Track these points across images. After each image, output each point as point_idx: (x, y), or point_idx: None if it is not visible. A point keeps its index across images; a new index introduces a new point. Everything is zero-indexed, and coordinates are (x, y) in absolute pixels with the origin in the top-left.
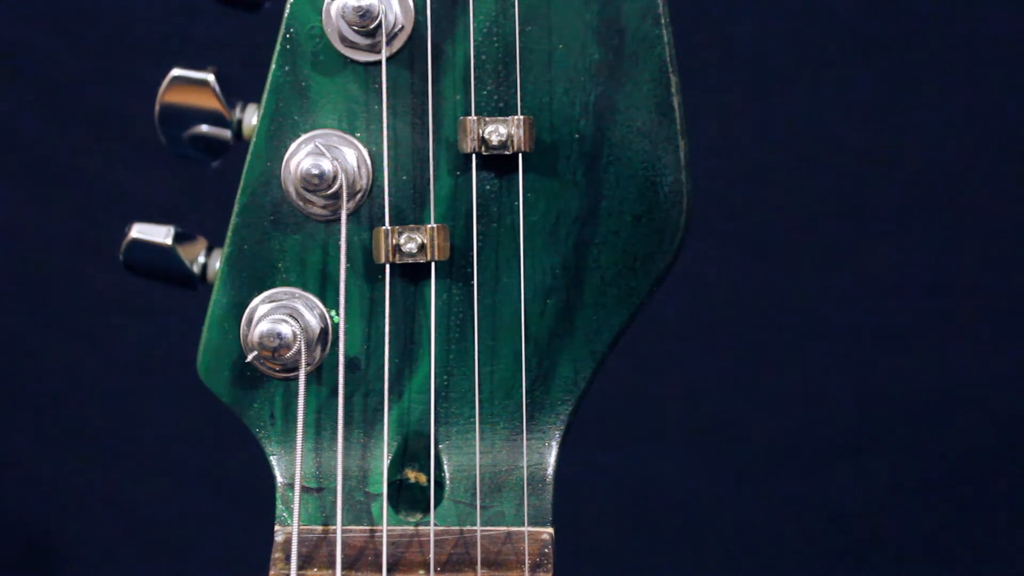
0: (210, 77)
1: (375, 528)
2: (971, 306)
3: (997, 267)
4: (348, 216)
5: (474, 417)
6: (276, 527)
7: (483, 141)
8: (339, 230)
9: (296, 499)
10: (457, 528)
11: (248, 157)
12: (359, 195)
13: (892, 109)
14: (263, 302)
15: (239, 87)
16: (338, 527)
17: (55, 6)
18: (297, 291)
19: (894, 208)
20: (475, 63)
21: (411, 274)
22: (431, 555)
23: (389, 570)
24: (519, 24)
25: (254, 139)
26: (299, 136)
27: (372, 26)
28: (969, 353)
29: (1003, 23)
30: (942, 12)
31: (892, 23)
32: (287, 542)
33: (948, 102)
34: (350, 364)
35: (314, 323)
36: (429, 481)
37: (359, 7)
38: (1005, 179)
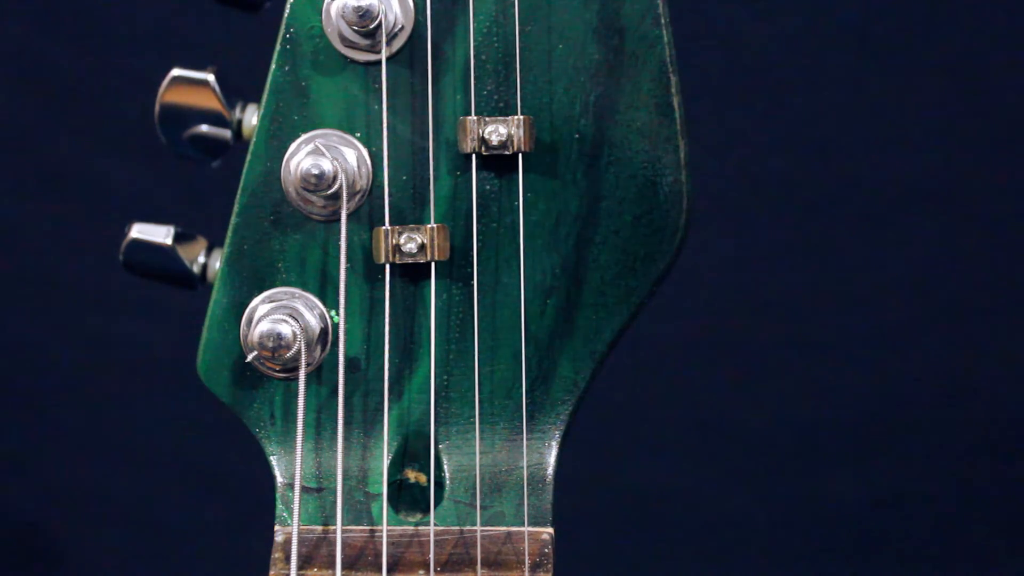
0: (210, 77)
1: (375, 528)
2: (971, 306)
3: (997, 267)
4: (348, 216)
5: (474, 417)
6: (276, 527)
7: (483, 141)
8: (339, 230)
9: (296, 499)
10: (457, 528)
11: (248, 157)
12: (359, 195)
13: (892, 109)
14: (263, 302)
15: (239, 87)
16: (338, 527)
17: (55, 6)
18: (297, 291)
19: (894, 208)
20: (475, 63)
21: (411, 274)
22: (431, 555)
23: (389, 570)
24: (519, 24)
25: (254, 139)
26: (299, 136)
27: (372, 26)
28: (969, 353)
29: (1003, 23)
30: (942, 12)
31: (893, 23)
32: (287, 542)
33: (948, 102)
34: (350, 364)
35: (314, 323)
36: (429, 481)
37: (359, 7)
38: (1005, 179)
